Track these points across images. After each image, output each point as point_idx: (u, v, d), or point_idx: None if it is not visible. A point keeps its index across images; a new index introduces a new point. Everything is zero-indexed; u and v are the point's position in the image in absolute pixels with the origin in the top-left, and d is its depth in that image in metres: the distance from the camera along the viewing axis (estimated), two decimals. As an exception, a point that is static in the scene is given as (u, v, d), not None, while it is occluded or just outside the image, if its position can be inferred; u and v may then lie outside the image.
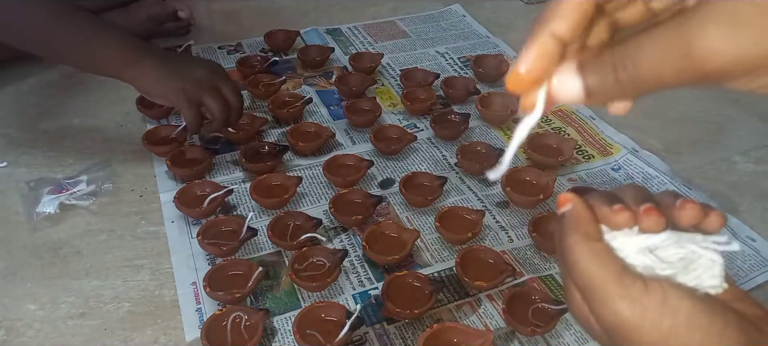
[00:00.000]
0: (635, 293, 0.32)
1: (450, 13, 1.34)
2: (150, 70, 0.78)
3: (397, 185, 0.81)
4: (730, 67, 0.27)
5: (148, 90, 0.80)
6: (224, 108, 0.81)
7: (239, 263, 0.67)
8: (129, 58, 0.77)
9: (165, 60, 0.80)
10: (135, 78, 0.78)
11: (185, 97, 0.78)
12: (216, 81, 0.81)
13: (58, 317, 0.64)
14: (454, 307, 0.65)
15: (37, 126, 0.94)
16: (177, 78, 0.79)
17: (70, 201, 0.78)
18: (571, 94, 0.31)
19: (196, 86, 0.79)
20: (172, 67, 0.80)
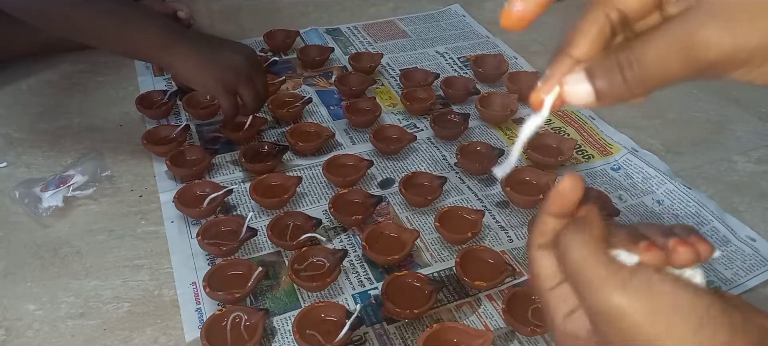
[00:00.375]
0: (623, 277, 0.33)
1: (450, 13, 1.34)
2: (188, 55, 0.78)
3: (396, 184, 0.81)
4: (728, 58, 0.30)
5: (186, 76, 0.79)
6: (257, 99, 0.82)
7: (239, 263, 0.67)
8: (166, 42, 0.78)
9: (202, 45, 0.81)
10: (172, 63, 0.78)
11: (223, 86, 0.78)
12: (251, 71, 0.82)
13: (58, 317, 0.64)
14: (454, 307, 0.65)
15: (37, 126, 0.94)
16: (216, 66, 0.79)
17: (70, 193, 0.78)
18: (582, 99, 0.33)
19: (233, 75, 0.79)
20: (209, 54, 0.80)
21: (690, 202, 0.78)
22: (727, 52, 0.30)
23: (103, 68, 1.09)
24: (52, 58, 1.09)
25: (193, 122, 0.93)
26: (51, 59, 1.09)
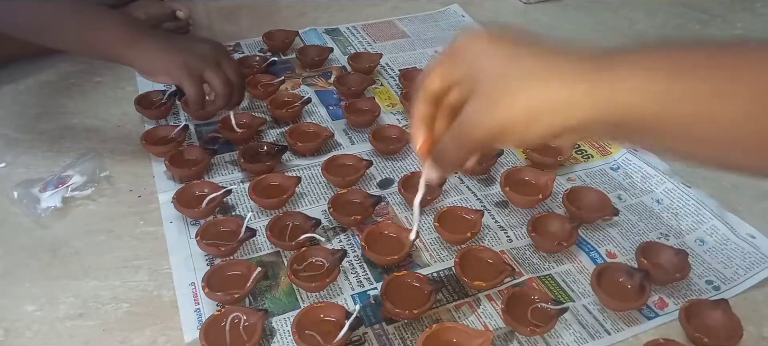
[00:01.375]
0: None
1: (449, 13, 1.34)
2: (150, 47, 0.77)
3: (396, 185, 0.81)
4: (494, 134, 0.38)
5: (149, 67, 0.78)
6: (227, 84, 0.80)
7: (238, 264, 0.67)
8: (129, 39, 0.77)
9: (165, 38, 0.80)
10: (135, 58, 0.77)
11: (187, 71, 0.77)
12: (218, 57, 0.80)
13: (57, 318, 0.64)
14: (453, 307, 0.65)
15: (35, 126, 0.94)
16: (178, 53, 0.78)
17: (69, 193, 0.78)
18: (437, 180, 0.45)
19: (198, 60, 0.78)
20: (172, 44, 0.80)
21: (689, 200, 0.78)
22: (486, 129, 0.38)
23: (101, 69, 1.08)
24: (50, 59, 1.09)
25: (192, 122, 0.93)
26: (49, 60, 1.09)
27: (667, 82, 0.33)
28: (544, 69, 0.36)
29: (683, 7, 1.39)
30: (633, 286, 0.65)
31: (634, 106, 0.34)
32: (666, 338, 0.60)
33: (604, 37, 1.27)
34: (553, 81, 0.35)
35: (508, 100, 0.36)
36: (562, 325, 0.63)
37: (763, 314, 0.65)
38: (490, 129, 0.38)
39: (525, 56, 0.37)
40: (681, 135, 0.35)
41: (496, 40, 0.38)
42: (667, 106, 0.34)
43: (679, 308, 0.63)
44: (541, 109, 0.36)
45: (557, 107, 0.35)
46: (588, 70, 0.35)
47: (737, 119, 0.33)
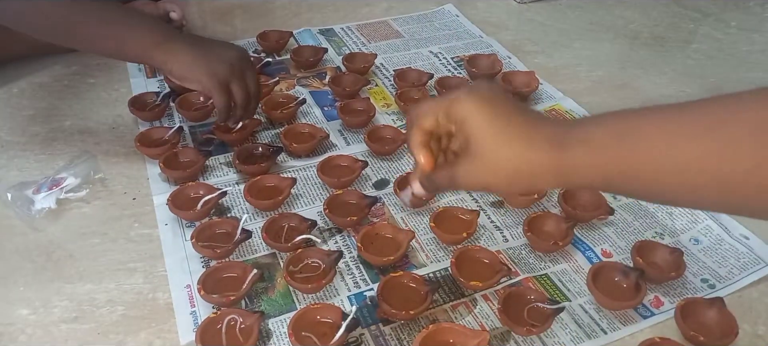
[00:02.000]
0: None
1: (443, 13, 1.34)
2: (182, 52, 0.78)
3: (391, 185, 0.81)
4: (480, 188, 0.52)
5: (181, 73, 0.79)
6: (247, 96, 0.81)
7: (234, 266, 0.67)
8: (159, 42, 0.78)
9: (196, 43, 0.81)
10: (166, 61, 0.78)
11: (217, 81, 0.78)
12: (243, 67, 0.82)
13: (51, 322, 0.63)
14: (450, 307, 0.65)
15: (28, 129, 0.93)
16: (210, 62, 0.79)
17: (63, 195, 0.78)
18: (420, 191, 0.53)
19: (227, 69, 0.79)
20: (203, 51, 0.80)
21: (684, 200, 0.79)
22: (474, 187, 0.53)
23: (94, 70, 1.08)
24: (43, 61, 1.09)
25: (187, 124, 0.93)
26: (42, 62, 1.09)
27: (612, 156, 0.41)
28: (524, 142, 0.43)
29: (677, 5, 1.40)
30: (629, 285, 0.65)
31: (583, 180, 0.43)
32: (662, 337, 0.60)
33: (598, 36, 1.27)
34: (529, 153, 0.43)
35: (493, 166, 0.45)
36: (559, 324, 0.63)
37: (758, 312, 0.65)
38: (478, 185, 0.48)
39: (508, 130, 0.44)
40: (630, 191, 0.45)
41: (488, 107, 0.45)
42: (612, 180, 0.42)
43: (674, 306, 0.64)
44: (519, 175, 0.44)
45: (531, 173, 0.44)
46: (552, 146, 0.43)
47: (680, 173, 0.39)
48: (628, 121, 0.42)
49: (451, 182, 0.48)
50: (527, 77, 1.03)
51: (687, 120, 0.39)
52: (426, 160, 0.50)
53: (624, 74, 1.13)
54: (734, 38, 1.27)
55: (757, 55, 1.21)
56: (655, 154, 0.39)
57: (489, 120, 0.44)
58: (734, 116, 0.37)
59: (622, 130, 0.41)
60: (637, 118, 0.42)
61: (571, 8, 1.39)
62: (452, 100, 0.47)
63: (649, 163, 0.40)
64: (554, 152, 0.42)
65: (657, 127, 0.40)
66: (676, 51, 1.22)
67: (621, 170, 0.41)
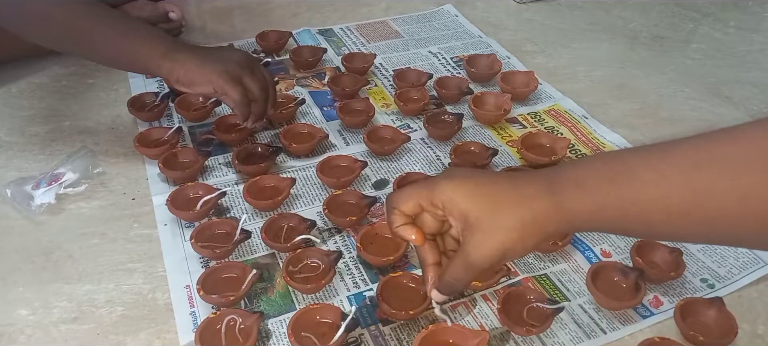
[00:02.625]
0: None
1: (442, 13, 1.34)
2: (189, 59, 0.79)
3: (391, 185, 0.81)
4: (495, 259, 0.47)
5: (189, 79, 0.79)
6: (264, 88, 0.82)
7: (233, 266, 0.67)
8: (167, 50, 0.79)
9: (199, 49, 0.83)
10: (173, 69, 0.78)
11: (228, 77, 0.79)
12: (252, 64, 0.83)
13: (51, 322, 0.63)
14: (449, 308, 0.65)
15: (27, 129, 0.93)
16: (216, 63, 0.80)
17: (62, 190, 0.78)
18: (440, 299, 0.53)
19: (236, 67, 0.80)
20: (208, 55, 0.82)
21: (683, 200, 0.79)
22: (492, 258, 0.46)
23: (94, 71, 1.08)
24: (42, 61, 1.09)
25: (186, 124, 0.93)
26: (42, 62, 1.09)
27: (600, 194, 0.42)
28: (518, 196, 0.44)
29: (676, 5, 1.40)
30: (628, 285, 0.65)
31: (584, 221, 0.44)
32: (661, 337, 0.60)
33: (597, 36, 1.27)
34: (527, 202, 0.44)
35: (501, 228, 0.44)
36: (558, 324, 0.63)
37: (757, 311, 0.65)
38: (492, 255, 0.46)
39: (499, 191, 0.45)
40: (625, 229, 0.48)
41: (469, 181, 0.46)
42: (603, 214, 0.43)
43: (674, 306, 0.63)
44: (526, 227, 0.44)
45: (538, 221, 0.44)
46: (544, 191, 0.43)
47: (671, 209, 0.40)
48: (616, 162, 0.43)
49: (466, 267, 0.48)
50: (526, 77, 1.03)
51: (678, 156, 0.40)
52: (416, 236, 0.51)
53: (623, 74, 1.13)
54: (733, 38, 1.27)
55: (756, 54, 1.21)
56: (648, 193, 0.40)
57: (475, 190, 0.45)
58: (722, 152, 0.38)
59: (611, 170, 0.42)
60: (625, 157, 0.43)
61: (571, 8, 1.39)
62: (432, 187, 0.48)
63: (642, 202, 0.40)
64: (550, 195, 0.43)
65: (646, 164, 0.41)
66: (675, 51, 1.22)
67: (614, 211, 0.42)
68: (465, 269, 0.48)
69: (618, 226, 0.45)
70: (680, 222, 0.39)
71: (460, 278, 0.49)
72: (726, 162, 0.37)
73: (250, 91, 0.80)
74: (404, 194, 0.50)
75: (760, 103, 1.03)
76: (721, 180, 0.37)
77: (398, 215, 0.51)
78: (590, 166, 0.43)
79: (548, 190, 0.43)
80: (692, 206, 0.38)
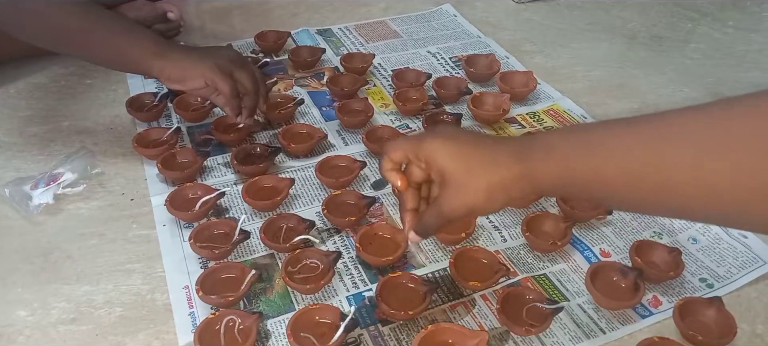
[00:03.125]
0: None
1: (441, 13, 1.34)
2: (180, 57, 0.82)
3: (390, 185, 0.81)
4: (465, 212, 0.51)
5: (180, 75, 0.81)
6: (255, 82, 0.84)
7: (232, 266, 0.67)
8: (159, 50, 0.80)
9: (191, 49, 0.86)
10: (164, 67, 0.81)
11: (219, 70, 0.81)
12: (242, 60, 0.86)
13: (49, 323, 0.63)
14: (449, 308, 0.65)
15: (26, 129, 0.93)
16: (207, 59, 0.82)
17: (60, 190, 0.78)
18: (415, 240, 0.57)
19: (226, 61, 0.83)
20: (199, 52, 0.85)
21: (682, 200, 0.79)
22: (460, 212, 0.51)
23: (92, 71, 1.08)
24: (41, 62, 1.08)
25: (184, 125, 0.93)
26: (40, 62, 1.08)
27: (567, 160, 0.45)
28: (490, 161, 0.48)
29: (674, 5, 1.40)
30: (627, 284, 0.65)
31: (550, 185, 0.47)
32: (660, 336, 0.60)
33: (596, 36, 1.27)
34: (497, 168, 0.47)
35: (471, 189, 0.48)
36: (557, 324, 0.63)
37: (756, 311, 0.65)
38: (461, 209, 0.51)
39: (475, 154, 0.48)
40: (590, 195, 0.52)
41: (452, 141, 0.50)
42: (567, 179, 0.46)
43: (673, 306, 0.64)
44: (493, 190, 0.48)
45: (503, 186, 0.47)
46: (516, 157, 0.47)
47: None
48: (588, 132, 0.46)
49: (438, 216, 0.52)
50: (525, 77, 1.03)
51: (645, 129, 0.42)
52: (402, 181, 0.55)
53: (622, 74, 1.13)
54: (732, 38, 1.27)
55: (755, 54, 1.21)
56: (612, 161, 0.42)
57: (455, 150, 0.49)
58: (684, 127, 0.41)
59: (581, 139, 0.45)
60: (597, 128, 0.46)
61: (569, 8, 1.39)
62: (420, 141, 0.52)
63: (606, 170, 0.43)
64: (519, 163, 0.46)
65: (615, 136, 0.43)
66: (674, 51, 1.22)
67: (580, 176, 0.44)
68: (437, 216, 0.52)
69: (583, 191, 0.48)
70: (638, 190, 0.42)
71: (431, 224, 0.54)
72: (685, 137, 0.40)
73: (240, 83, 0.83)
74: (396, 144, 0.55)
75: (759, 103, 1.03)
76: (678, 153, 0.39)
77: (387, 161, 0.55)
78: (560, 135, 0.46)
79: (519, 157, 0.46)
80: (649, 174, 0.40)
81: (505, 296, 0.63)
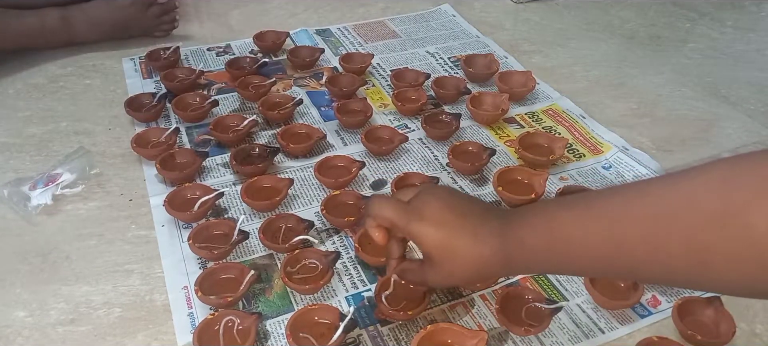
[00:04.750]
0: None
1: (440, 13, 1.34)
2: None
3: (389, 185, 0.81)
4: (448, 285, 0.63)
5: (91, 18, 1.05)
6: None
7: (231, 267, 0.67)
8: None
9: None
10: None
11: None
12: None
13: (48, 324, 0.63)
14: (448, 308, 0.65)
15: (24, 130, 0.93)
16: None
17: (59, 191, 0.78)
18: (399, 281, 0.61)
19: None
20: None
21: (681, 199, 0.79)
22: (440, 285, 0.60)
23: (90, 71, 1.08)
24: (39, 62, 1.08)
25: (183, 125, 0.93)
26: (38, 63, 1.08)
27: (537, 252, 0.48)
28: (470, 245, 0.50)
29: (673, 5, 1.40)
30: (626, 284, 0.65)
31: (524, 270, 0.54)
32: (659, 336, 0.60)
33: (594, 36, 1.27)
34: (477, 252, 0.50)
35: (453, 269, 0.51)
36: (556, 324, 0.63)
37: (755, 310, 0.65)
38: (443, 283, 0.56)
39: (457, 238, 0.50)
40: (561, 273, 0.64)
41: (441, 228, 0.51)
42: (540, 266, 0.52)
43: (672, 305, 0.64)
44: (475, 270, 0.51)
45: (484, 266, 0.50)
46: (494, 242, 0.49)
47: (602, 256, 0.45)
48: (552, 218, 0.48)
49: (421, 281, 0.55)
50: (524, 77, 1.03)
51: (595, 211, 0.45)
52: (382, 239, 0.56)
53: (620, 74, 1.13)
54: (730, 37, 1.27)
55: (753, 54, 1.21)
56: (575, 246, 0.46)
57: (443, 236, 0.51)
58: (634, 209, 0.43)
59: (546, 228, 0.48)
60: (556, 210, 0.48)
61: (568, 8, 1.39)
62: (407, 219, 0.52)
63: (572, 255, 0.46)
64: (497, 256, 0.49)
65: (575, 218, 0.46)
66: (672, 50, 1.22)
67: (551, 263, 0.49)
68: (420, 281, 0.55)
69: (555, 271, 0.59)
70: (604, 269, 0.46)
71: (414, 282, 0.58)
72: (637, 218, 0.42)
73: None
74: (384, 211, 0.54)
75: (757, 102, 1.03)
76: (635, 234, 0.42)
77: (371, 221, 0.56)
78: (530, 225, 0.48)
79: (498, 249, 0.49)
80: (611, 255, 0.44)
81: (504, 296, 0.63)
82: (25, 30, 1.04)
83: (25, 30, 1.04)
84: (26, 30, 1.04)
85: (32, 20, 1.05)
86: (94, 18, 1.11)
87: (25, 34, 1.05)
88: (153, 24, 1.16)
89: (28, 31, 1.04)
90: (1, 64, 1.06)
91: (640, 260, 0.42)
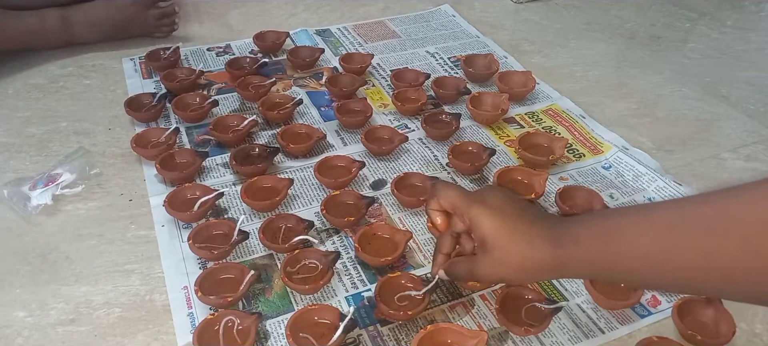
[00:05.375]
0: None
1: (440, 13, 1.34)
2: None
3: (389, 185, 0.81)
4: (493, 281, 0.65)
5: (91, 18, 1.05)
6: None
7: (231, 267, 0.67)
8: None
9: None
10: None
11: None
12: None
13: (48, 324, 0.63)
14: (448, 308, 0.65)
15: (24, 130, 0.93)
16: None
17: (59, 191, 0.78)
18: (444, 278, 0.59)
19: None
20: None
21: (681, 199, 0.79)
22: (491, 279, 0.61)
23: (90, 71, 1.08)
24: (38, 62, 1.08)
25: (183, 125, 0.93)
26: (38, 63, 1.08)
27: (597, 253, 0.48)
28: (525, 243, 0.50)
29: (673, 5, 1.40)
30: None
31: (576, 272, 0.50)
32: (659, 336, 0.60)
33: (594, 36, 1.27)
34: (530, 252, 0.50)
35: (504, 262, 0.52)
36: (556, 324, 0.63)
37: (755, 310, 0.65)
38: (493, 277, 0.55)
39: (515, 233, 0.51)
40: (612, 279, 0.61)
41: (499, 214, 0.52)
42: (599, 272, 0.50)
43: (672, 305, 0.64)
44: (525, 269, 0.51)
45: (534, 268, 0.50)
46: (548, 245, 0.49)
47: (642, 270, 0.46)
48: (608, 220, 0.48)
49: (470, 273, 0.55)
50: (524, 77, 1.03)
51: (653, 216, 0.45)
52: (443, 223, 0.58)
53: (620, 74, 1.13)
54: (730, 37, 1.27)
55: (753, 53, 1.21)
56: (631, 249, 0.45)
57: (499, 224, 0.52)
58: (692, 214, 0.43)
59: (603, 229, 0.48)
60: (613, 213, 0.49)
61: (568, 8, 1.39)
62: (470, 202, 0.54)
63: (626, 257, 0.46)
64: (550, 250, 0.49)
65: (632, 223, 0.46)
66: (672, 50, 1.22)
67: (605, 265, 0.48)
68: (469, 273, 0.55)
69: (606, 276, 0.56)
70: (658, 275, 0.45)
71: (462, 275, 0.57)
72: (695, 223, 0.43)
73: None
74: (447, 191, 0.57)
75: (757, 102, 1.03)
76: (691, 239, 0.42)
77: (435, 204, 0.58)
78: (587, 226, 0.49)
79: (551, 244, 0.49)
80: (666, 261, 0.43)
81: (504, 296, 0.63)
82: (25, 30, 1.04)
83: (25, 30, 1.04)
84: (26, 30, 1.05)
85: (32, 20, 1.05)
86: (94, 18, 1.11)
87: (25, 34, 1.05)
88: (153, 25, 1.16)
89: (28, 31, 1.05)
90: (1, 64, 1.06)
91: (695, 269, 0.42)
